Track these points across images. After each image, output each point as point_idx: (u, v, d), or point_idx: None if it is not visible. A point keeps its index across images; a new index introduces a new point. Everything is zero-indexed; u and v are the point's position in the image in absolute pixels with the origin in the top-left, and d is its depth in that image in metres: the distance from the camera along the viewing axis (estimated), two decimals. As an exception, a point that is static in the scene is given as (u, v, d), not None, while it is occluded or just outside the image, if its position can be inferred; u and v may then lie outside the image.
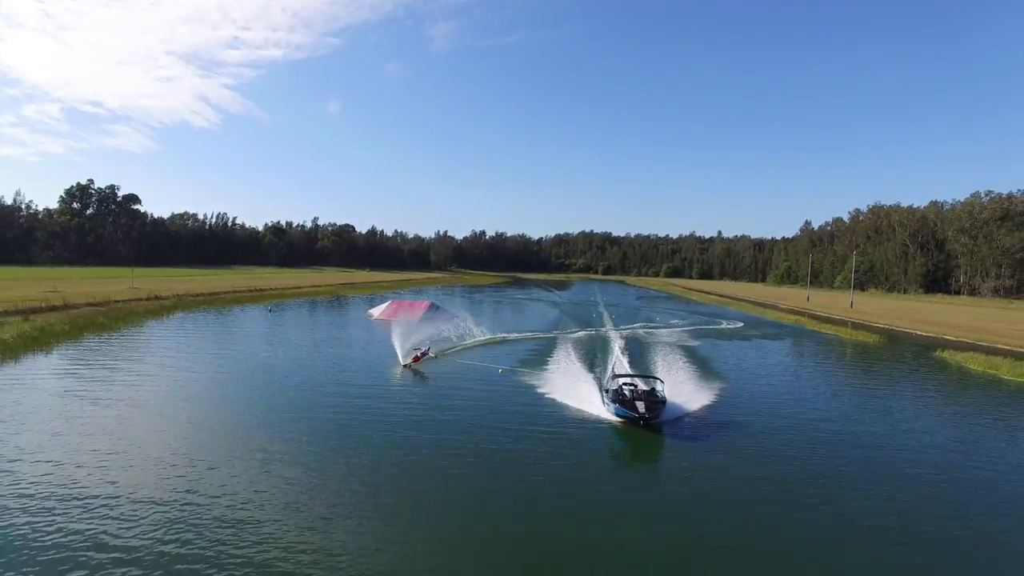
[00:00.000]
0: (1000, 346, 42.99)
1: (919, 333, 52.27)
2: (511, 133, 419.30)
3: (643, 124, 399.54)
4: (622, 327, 50.27)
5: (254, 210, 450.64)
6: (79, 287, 62.38)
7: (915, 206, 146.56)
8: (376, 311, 53.97)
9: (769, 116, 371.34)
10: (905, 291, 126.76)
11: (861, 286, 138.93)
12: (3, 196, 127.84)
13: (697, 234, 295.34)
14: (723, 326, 56.45)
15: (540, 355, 32.60)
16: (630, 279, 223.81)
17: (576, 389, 23.33)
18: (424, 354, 28.75)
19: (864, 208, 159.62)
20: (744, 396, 24.56)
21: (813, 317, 66.65)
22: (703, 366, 31.30)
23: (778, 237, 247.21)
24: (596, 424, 19.28)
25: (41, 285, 61.99)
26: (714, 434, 18.65)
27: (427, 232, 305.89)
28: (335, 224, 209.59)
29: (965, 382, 30.53)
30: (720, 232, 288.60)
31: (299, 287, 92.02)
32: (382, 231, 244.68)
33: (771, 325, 59.37)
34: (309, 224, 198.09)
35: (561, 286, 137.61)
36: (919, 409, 23.89)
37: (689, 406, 21.56)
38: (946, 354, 38.53)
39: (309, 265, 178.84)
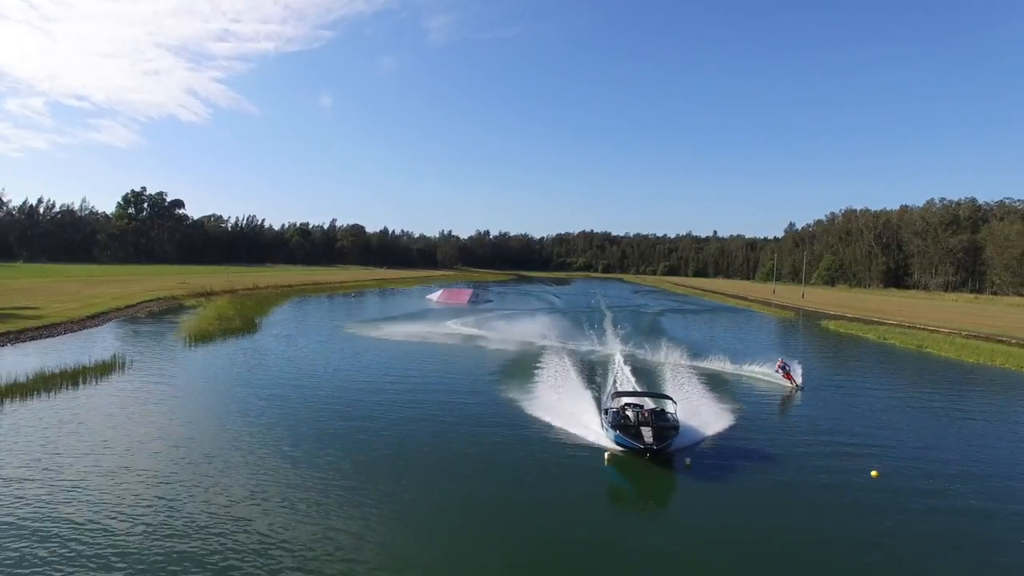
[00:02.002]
0: (874, 319, 64.85)
1: (830, 312, 74.29)
2: (510, 131, 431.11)
3: (642, 122, 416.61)
4: (615, 309, 72.22)
5: (244, 206, 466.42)
6: (198, 280, 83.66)
7: (887, 209, 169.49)
8: (433, 296, 75.58)
9: (767, 117, 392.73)
10: (868, 286, 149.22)
11: (832, 282, 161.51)
12: (72, 202, 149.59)
13: (694, 234, 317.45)
14: (690, 308, 78.63)
15: (535, 351, 33.82)
16: (628, 277, 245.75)
17: (569, 405, 21.20)
18: (785, 367, 27.14)
19: (839, 212, 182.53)
20: (771, 415, 22.35)
21: (764, 304, 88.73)
22: (690, 352, 34.16)
23: (770, 237, 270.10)
24: (591, 454, 16.66)
25: (169, 280, 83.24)
26: (739, 466, 16.08)
27: (429, 230, 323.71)
28: (349, 224, 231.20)
29: (818, 333, 52.62)
30: (715, 232, 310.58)
31: (345, 282, 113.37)
32: (393, 231, 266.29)
33: (727, 308, 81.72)
34: (327, 224, 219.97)
35: (563, 283, 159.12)
36: (771, 339, 45.80)
37: (704, 428, 19.12)
38: (826, 322, 60.68)
39: (330, 263, 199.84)
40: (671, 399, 19.02)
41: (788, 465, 16.38)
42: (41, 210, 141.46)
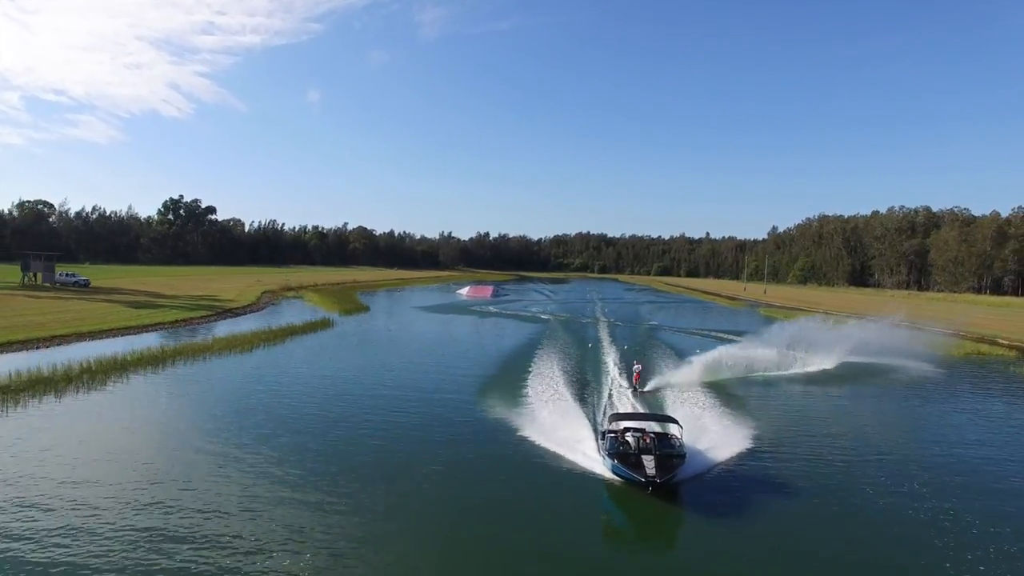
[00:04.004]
0: (802, 308, 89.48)
1: (775, 304, 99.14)
2: (507, 128, 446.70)
3: (640, 120, 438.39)
4: (605, 301, 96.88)
5: (232, 204, 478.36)
6: (268, 279, 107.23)
7: (861, 214, 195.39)
8: (463, 291, 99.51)
9: (763, 116, 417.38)
10: (835, 285, 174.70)
11: (805, 281, 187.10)
12: (120, 209, 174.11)
13: (687, 235, 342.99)
14: (665, 301, 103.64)
15: (530, 347, 39.24)
16: (622, 277, 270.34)
17: (563, 425, 20.46)
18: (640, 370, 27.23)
19: (815, 217, 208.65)
20: (788, 435, 21.04)
21: (729, 298, 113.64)
22: (680, 350, 38.43)
23: (759, 238, 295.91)
24: (587, 484, 15.73)
25: (247, 278, 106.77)
26: (757, 501, 14.92)
27: (429, 231, 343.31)
28: (356, 226, 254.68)
29: (748, 315, 77.41)
30: (708, 233, 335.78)
31: (376, 280, 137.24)
32: (399, 233, 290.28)
33: (695, 301, 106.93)
34: (337, 226, 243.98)
35: (561, 282, 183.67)
36: (711, 317, 70.55)
37: (713, 452, 18.11)
38: (762, 309, 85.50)
39: (343, 264, 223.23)
40: (676, 422, 18.07)
41: (808, 492, 15.57)
42: (95, 216, 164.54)
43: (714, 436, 19.79)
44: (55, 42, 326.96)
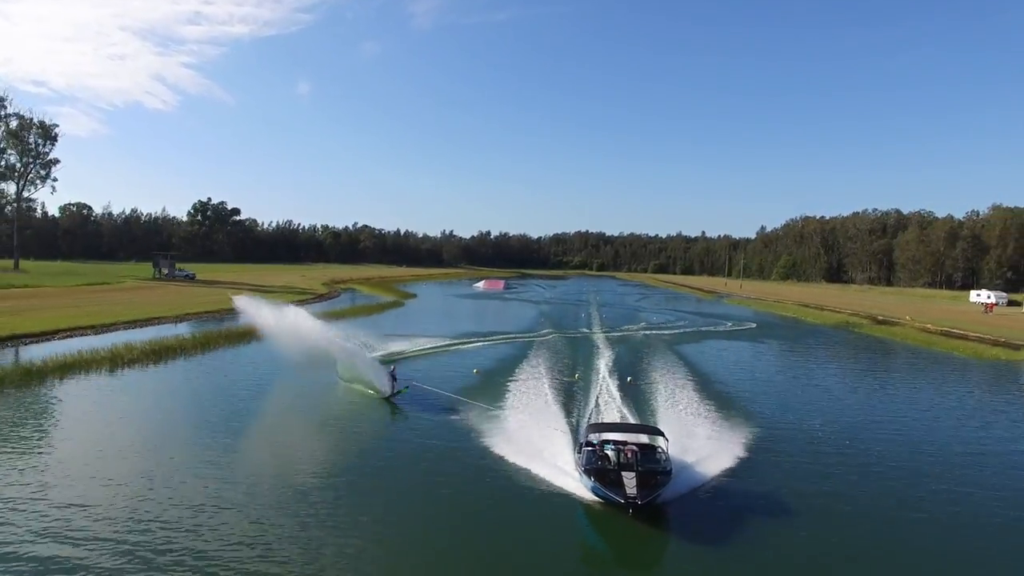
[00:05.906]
0: (763, 299, 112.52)
1: (742, 295, 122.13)
2: (506, 121, 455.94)
3: (639, 114, 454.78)
4: (599, 292, 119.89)
5: (224, 198, 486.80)
6: (312, 274, 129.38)
7: (841, 215, 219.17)
8: (479, 285, 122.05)
9: (760, 116, 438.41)
10: (809, 281, 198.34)
11: (786, 278, 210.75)
12: (155, 211, 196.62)
13: (683, 234, 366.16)
14: (650, 293, 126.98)
15: (543, 316, 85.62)
16: (620, 274, 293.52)
17: (539, 435, 19.87)
18: (392, 375, 25.36)
19: (798, 217, 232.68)
20: (787, 443, 20.78)
21: (707, 292, 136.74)
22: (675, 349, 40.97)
23: (752, 237, 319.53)
24: (560, 504, 15.09)
25: (293, 275, 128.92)
26: (752, 524, 14.33)
27: (430, 229, 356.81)
28: (362, 225, 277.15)
29: (712, 303, 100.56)
30: (704, 232, 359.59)
31: (399, 276, 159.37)
32: (405, 232, 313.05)
33: (675, 293, 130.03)
34: (348, 226, 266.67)
35: (561, 279, 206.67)
36: (687, 306, 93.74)
37: (702, 467, 17.46)
38: (728, 300, 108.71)
39: (354, 262, 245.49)
40: (662, 434, 17.04)
41: (810, 511, 15.03)
42: (133, 217, 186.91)
43: (704, 448, 19.11)
44: (36, 32, 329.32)
